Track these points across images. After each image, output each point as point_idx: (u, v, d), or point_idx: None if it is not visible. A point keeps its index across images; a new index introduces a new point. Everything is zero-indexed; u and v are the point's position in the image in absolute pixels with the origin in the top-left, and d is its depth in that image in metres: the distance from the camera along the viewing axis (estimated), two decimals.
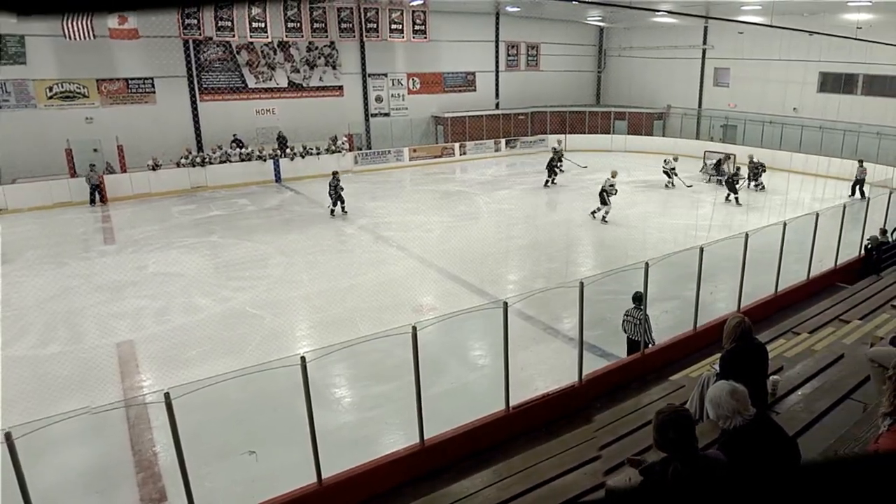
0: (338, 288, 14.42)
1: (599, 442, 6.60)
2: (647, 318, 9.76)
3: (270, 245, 18.07)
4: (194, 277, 14.99)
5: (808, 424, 5.49)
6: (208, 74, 28.02)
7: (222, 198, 24.76)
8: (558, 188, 25.54)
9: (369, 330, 11.04)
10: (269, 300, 13.74)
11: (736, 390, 3.89)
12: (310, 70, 30.44)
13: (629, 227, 19.46)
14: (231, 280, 15.24)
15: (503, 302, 7.90)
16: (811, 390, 6.43)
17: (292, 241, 18.37)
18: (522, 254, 17.21)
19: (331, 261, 16.65)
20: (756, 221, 18.04)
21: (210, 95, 28.19)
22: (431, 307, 13.17)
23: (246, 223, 20.78)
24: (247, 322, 12.54)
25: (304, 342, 11.65)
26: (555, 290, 11.59)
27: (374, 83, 32.55)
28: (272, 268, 16.16)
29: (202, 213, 22.30)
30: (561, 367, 9.98)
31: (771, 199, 23.08)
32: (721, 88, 34.14)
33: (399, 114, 33.58)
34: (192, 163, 26.20)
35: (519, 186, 26.16)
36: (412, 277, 15.02)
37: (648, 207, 22.37)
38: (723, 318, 8.11)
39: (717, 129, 33.54)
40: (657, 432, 3.53)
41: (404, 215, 21.40)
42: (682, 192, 24.66)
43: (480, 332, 11.56)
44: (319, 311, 13.11)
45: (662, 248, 15.16)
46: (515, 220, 20.92)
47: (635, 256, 14.21)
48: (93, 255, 17.60)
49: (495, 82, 36.74)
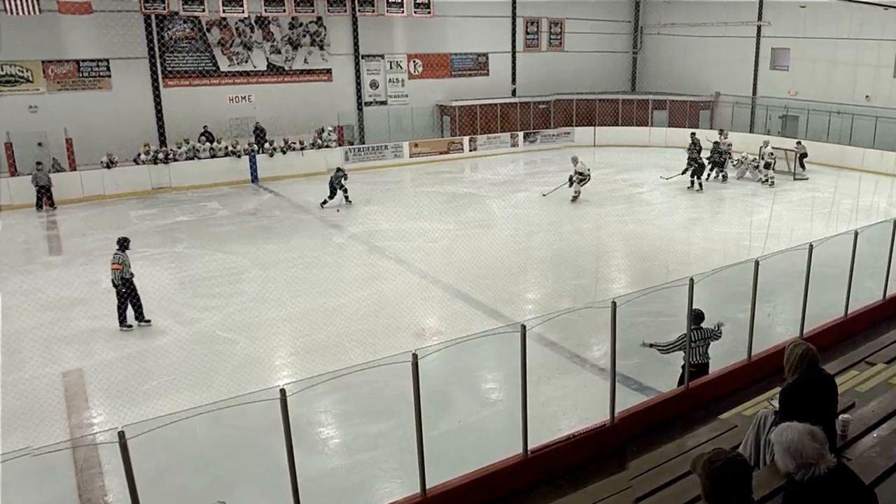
0: (325, 308, 14.41)
1: (636, 493, 6.55)
2: (710, 341, 9.89)
3: (245, 257, 18.09)
4: (155, 295, 14.99)
5: (885, 472, 5.42)
6: (173, 56, 28.24)
7: (189, 201, 24.86)
8: (586, 192, 25.54)
9: (362, 358, 10.96)
10: (243, 322, 13.73)
11: (815, 433, 3.82)
12: (293, 51, 30.65)
13: (670, 236, 19.43)
14: (199, 298, 15.25)
15: (521, 325, 7.87)
16: (888, 432, 6.36)
17: (271, 253, 18.39)
18: (544, 268, 17.18)
19: (316, 275, 16.65)
20: (822, 230, 17.98)
21: (175, 80, 28.37)
22: (435, 331, 13.13)
23: (217, 231, 20.84)
24: (217, 348, 12.53)
25: (285, 372, 11.63)
26: (582, 310, 11.55)
27: (368, 66, 32.72)
28: (247, 283, 16.16)
29: (165, 219, 22.36)
30: (589, 402, 9.93)
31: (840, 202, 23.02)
32: (779, 72, 34.16)
33: (398, 102, 33.73)
34: (153, 160, 26.30)
35: (539, 188, 26.18)
36: (412, 296, 15.00)
37: (693, 213, 22.34)
38: (783, 346, 8.07)
39: (774, 120, 33.55)
40: (711, 481, 3.46)
41: (403, 222, 21.42)
42: (735, 195, 24.61)
43: (494, 361, 11.50)
44: (303, 336, 13.09)
45: (710, 262, 15.09)
46: (535, 227, 20.92)
47: (678, 271, 14.18)
48: (36, 269, 17.65)
49: (512, 65, 36.89)
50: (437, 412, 9.50)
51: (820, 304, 11.96)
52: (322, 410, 10.33)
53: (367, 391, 10.24)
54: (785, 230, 19.69)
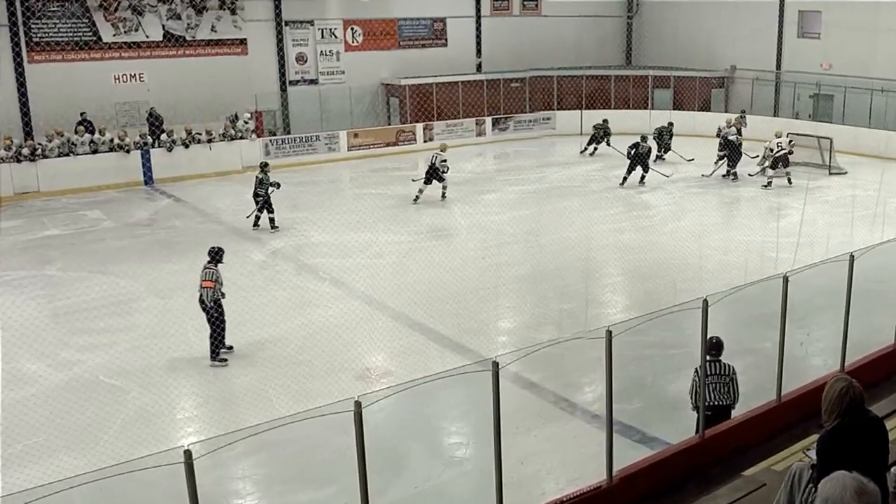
0: (241, 344, 14.29)
1: None
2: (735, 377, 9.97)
3: (138, 280, 17.89)
4: (20, 331, 14.71)
5: None
6: (41, 23, 27.88)
7: (64, 209, 24.52)
8: (570, 190, 25.72)
9: (290, 407, 10.91)
10: (135, 365, 13.54)
11: (864, 488, 3.87)
12: (196, 16, 30.49)
13: (678, 247, 19.62)
14: (77, 334, 15.01)
15: (492, 362, 7.88)
16: None
17: (171, 275, 18.18)
18: (521, 289, 17.24)
19: (230, 303, 16.44)
20: (865, 237, 18.29)
21: (44, 54, 28.02)
22: (384, 371, 13.10)
23: (100, 247, 20.57)
24: (102, 398, 12.32)
25: (191, 427, 11.51)
26: (570, 342, 11.61)
27: (294, 35, 32.69)
28: (140, 314, 15.97)
29: (32, 233, 22.02)
30: (581, 458, 9.95)
31: (886, 202, 23.45)
32: (809, 41, 34.71)
33: (332, 81, 33.73)
34: (15, 156, 25.96)
35: (514, 188, 26.30)
36: (354, 327, 14.92)
37: (705, 217, 22.60)
38: (821, 382, 8.16)
39: (804, 100, 34.09)
40: None
41: (341, 233, 21.34)
42: (756, 194, 25.00)
43: (459, 409, 11.48)
44: (214, 380, 12.98)
45: (727, 278, 15.29)
46: (509, 237, 20.99)
47: (688, 290, 14.29)
48: None
49: (476, 34, 37.17)
50: (387, 475, 9.45)
51: (865, 330, 12.15)
52: (239, 476, 10.22)
53: (297, 450, 10.15)
54: (819, 237, 20.03)
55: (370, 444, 7.17)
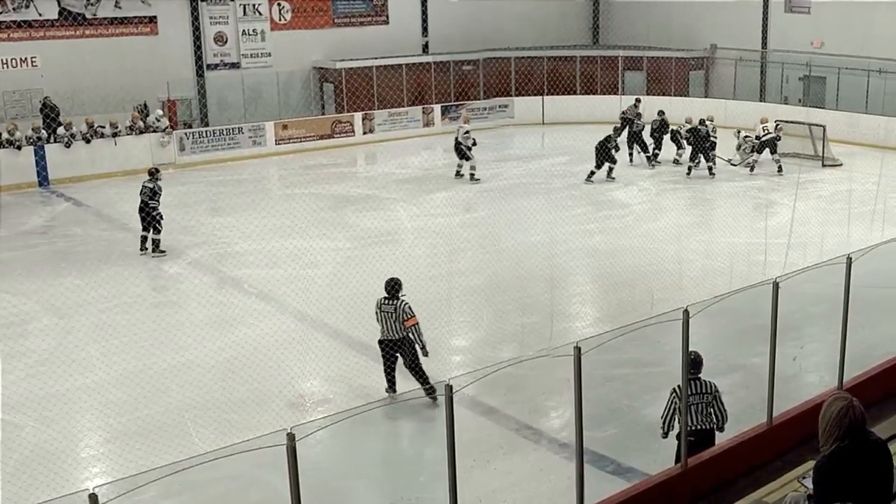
0: (154, 370, 14.17)
1: None
2: (719, 395, 10.00)
3: (31, 298, 17.69)
4: None
5: None
6: None
7: None
8: (530, 188, 25.83)
9: (212, 442, 10.84)
10: (29, 395, 13.34)
11: None
12: None
13: (654, 251, 19.76)
14: None
15: (445, 385, 7.89)
16: None
17: (71, 291, 17.95)
18: (476, 301, 17.28)
19: (141, 322, 16.35)
20: (863, 236, 18.57)
21: None
22: (320, 398, 13.04)
23: None
24: None
25: (96, 468, 11.39)
26: (533, 361, 11.64)
27: (211, 12, 32.53)
28: (35, 338, 15.77)
29: None
30: (548, 493, 10.01)
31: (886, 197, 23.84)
32: (798, 17, 35.18)
33: (256, 65, 33.59)
34: None
35: (467, 185, 26.36)
36: (285, 347, 14.82)
37: (684, 217, 22.85)
38: (817, 402, 8.25)
39: (793, 83, 34.49)
40: None
41: (269, 240, 21.23)
42: (740, 189, 25.31)
43: (408, 440, 11.46)
44: (122, 412, 12.83)
45: (710, 286, 15.44)
46: (463, 243, 21.08)
47: (666, 300, 14.42)
48: None
49: (422, 9, 37.22)
50: None
51: (866, 342, 12.34)
52: None
53: (222, 491, 10.09)
54: (813, 238, 20.32)
55: (306, 482, 7.14)
